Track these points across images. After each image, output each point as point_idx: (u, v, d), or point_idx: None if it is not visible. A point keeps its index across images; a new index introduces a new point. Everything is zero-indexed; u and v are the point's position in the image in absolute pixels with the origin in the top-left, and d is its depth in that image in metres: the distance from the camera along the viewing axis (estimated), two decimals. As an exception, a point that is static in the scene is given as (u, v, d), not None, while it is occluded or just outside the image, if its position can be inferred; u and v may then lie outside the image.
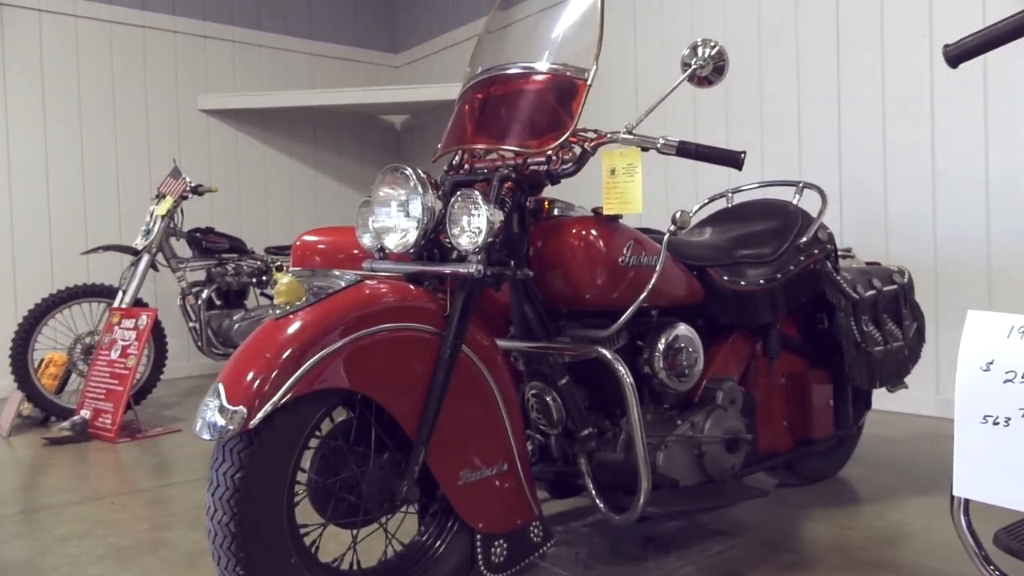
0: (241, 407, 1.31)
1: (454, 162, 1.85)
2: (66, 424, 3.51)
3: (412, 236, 1.59)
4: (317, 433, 1.48)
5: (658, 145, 1.65)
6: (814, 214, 2.27)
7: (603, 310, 1.80)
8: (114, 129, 5.13)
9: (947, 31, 3.27)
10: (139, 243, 3.99)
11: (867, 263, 2.52)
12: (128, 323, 3.71)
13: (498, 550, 1.64)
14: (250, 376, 1.34)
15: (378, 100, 5.62)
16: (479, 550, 1.62)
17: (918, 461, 2.73)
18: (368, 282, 1.54)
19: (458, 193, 1.55)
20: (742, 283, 2.06)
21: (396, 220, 1.62)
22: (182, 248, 4.32)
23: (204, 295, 4.17)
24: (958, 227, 3.27)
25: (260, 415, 1.31)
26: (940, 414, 3.34)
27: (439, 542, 1.63)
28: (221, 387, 1.35)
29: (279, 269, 4.31)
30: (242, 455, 1.34)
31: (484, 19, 1.86)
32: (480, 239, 1.52)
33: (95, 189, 5.06)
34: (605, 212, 1.70)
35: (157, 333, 4.06)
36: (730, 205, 2.46)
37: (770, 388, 2.22)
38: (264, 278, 4.35)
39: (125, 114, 5.17)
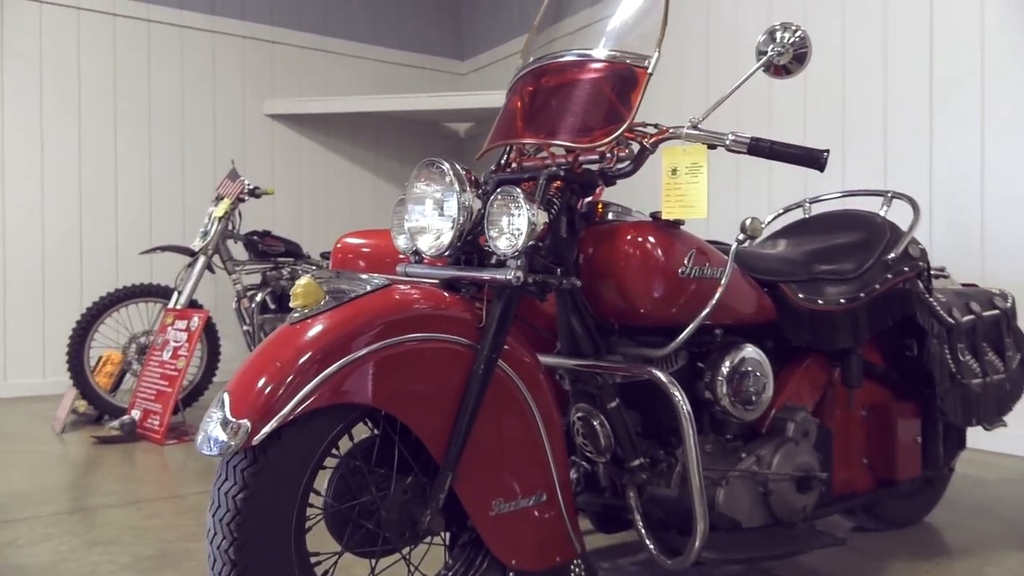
0: (245, 420, 1.18)
1: (502, 161, 1.70)
2: (115, 423, 3.50)
3: (447, 237, 1.44)
4: (335, 451, 1.34)
5: (727, 142, 1.46)
6: (903, 228, 2.03)
7: (660, 326, 1.61)
8: (181, 132, 5.20)
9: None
10: (196, 244, 3.99)
11: (963, 285, 2.26)
12: (180, 324, 3.69)
13: (533, 590, 1.47)
14: (259, 386, 1.21)
15: (442, 106, 5.55)
16: (511, 589, 1.45)
17: (1018, 508, 2.42)
18: (398, 287, 1.40)
19: (498, 191, 1.39)
20: (820, 302, 1.84)
21: (430, 220, 1.47)
22: (239, 251, 4.30)
23: (258, 298, 4.13)
24: (1067, 248, 2.94)
25: (266, 430, 1.18)
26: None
27: (467, 579, 1.47)
28: (226, 397, 1.22)
29: (333, 274, 4.25)
30: (245, 474, 1.20)
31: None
32: (520, 242, 1.36)
33: (161, 191, 5.13)
34: (664, 216, 1.52)
35: (210, 335, 4.04)
36: (807, 216, 2.24)
37: (849, 421, 1.98)
38: (318, 283, 4.29)
39: (193, 118, 5.24)
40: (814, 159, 1.42)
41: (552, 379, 1.57)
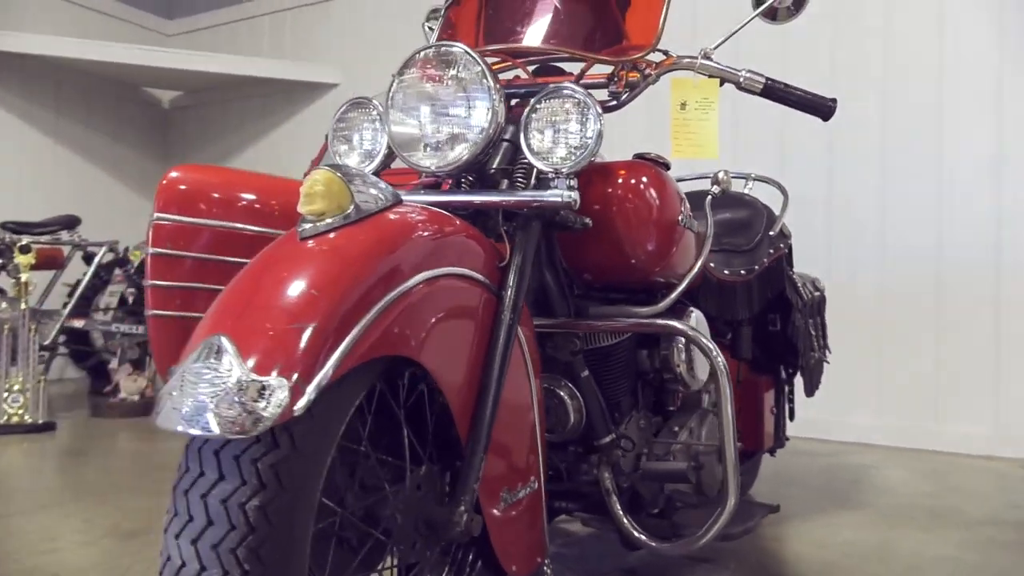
0: (279, 378, 0.74)
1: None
2: None
3: (466, 150, 1.10)
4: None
5: (740, 79, 1.35)
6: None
7: (634, 286, 1.45)
8: None
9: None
10: None
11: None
12: None
13: (524, 600, 1.19)
14: (287, 327, 0.77)
15: (144, 62, 4.63)
16: (509, 601, 1.15)
17: (814, 476, 2.71)
18: (409, 206, 1.02)
19: (548, 87, 1.10)
20: (726, 272, 1.83)
21: (436, 126, 1.11)
22: None
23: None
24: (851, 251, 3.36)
25: (310, 392, 0.75)
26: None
27: (464, 595, 1.13)
28: (227, 342, 0.75)
29: (24, 251, 3.28)
30: (260, 467, 0.75)
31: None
32: (584, 154, 1.08)
33: None
34: (673, 154, 1.36)
35: None
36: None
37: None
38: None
39: None
40: (823, 108, 1.37)
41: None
